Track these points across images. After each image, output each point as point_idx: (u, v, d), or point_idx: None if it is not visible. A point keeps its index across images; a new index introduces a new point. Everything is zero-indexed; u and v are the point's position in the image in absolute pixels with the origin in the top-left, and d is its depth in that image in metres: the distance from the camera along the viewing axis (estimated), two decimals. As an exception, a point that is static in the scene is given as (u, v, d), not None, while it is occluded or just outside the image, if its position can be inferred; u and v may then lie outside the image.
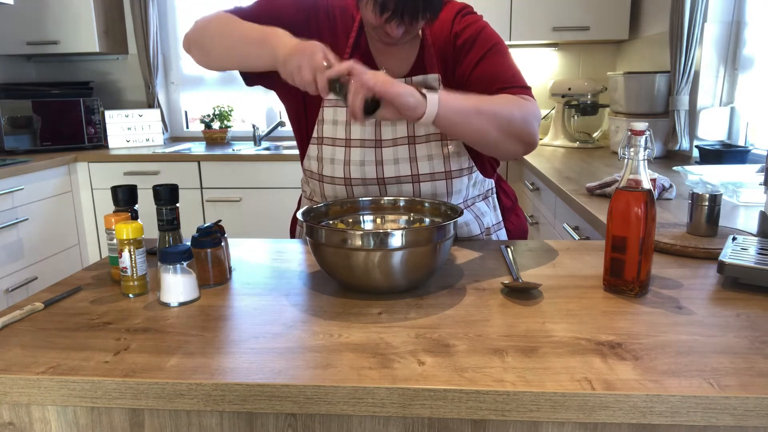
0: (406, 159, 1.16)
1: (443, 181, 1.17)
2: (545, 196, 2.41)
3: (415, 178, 1.16)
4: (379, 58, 1.19)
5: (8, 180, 2.67)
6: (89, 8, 3.25)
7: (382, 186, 1.17)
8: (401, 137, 1.16)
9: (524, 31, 3.06)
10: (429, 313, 0.83)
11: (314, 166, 1.22)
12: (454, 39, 1.15)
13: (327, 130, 1.19)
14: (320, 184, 1.22)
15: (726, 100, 2.38)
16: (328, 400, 0.65)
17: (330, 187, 1.20)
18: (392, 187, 1.17)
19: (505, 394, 0.63)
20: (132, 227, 0.90)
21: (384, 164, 1.16)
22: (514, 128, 1.05)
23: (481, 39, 1.14)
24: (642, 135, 0.85)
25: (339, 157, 1.18)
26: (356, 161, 1.16)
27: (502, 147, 1.08)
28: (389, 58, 1.19)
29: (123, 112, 3.46)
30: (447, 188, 1.18)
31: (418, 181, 1.16)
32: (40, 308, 0.87)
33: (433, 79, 1.15)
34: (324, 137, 1.19)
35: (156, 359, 0.71)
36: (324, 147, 1.19)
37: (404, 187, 1.17)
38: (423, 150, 1.16)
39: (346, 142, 1.17)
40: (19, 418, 0.71)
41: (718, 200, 1.14)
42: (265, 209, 3.09)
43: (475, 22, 1.16)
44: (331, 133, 1.19)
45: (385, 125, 1.16)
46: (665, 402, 0.61)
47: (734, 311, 0.82)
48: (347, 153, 1.17)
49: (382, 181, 1.17)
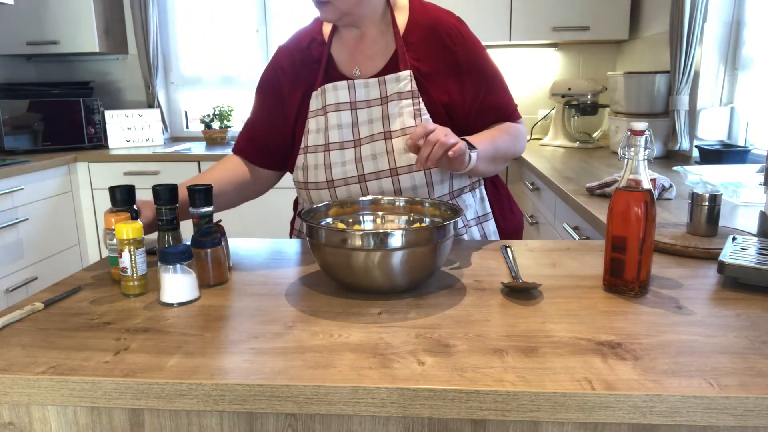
0: (383, 153, 1.18)
1: (421, 172, 1.19)
2: (545, 196, 2.41)
3: (393, 171, 1.18)
4: (352, 60, 1.23)
5: (8, 180, 2.67)
6: (89, 8, 3.25)
7: (362, 183, 1.19)
8: (377, 133, 1.19)
9: (524, 31, 3.06)
10: (429, 313, 0.83)
11: (300, 175, 1.26)
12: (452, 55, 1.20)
13: (311, 138, 1.24)
14: (306, 192, 1.26)
15: (726, 100, 2.38)
16: (328, 400, 0.65)
17: (315, 193, 1.24)
18: (372, 183, 1.19)
19: (505, 394, 0.63)
20: (132, 227, 0.90)
21: (363, 161, 1.19)
22: (511, 158, 1.31)
23: (483, 68, 1.23)
24: (642, 135, 0.85)
25: (320, 162, 1.22)
26: (337, 162, 1.20)
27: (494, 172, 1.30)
28: (362, 56, 1.23)
29: (123, 112, 3.46)
30: (426, 179, 1.19)
31: (397, 174, 1.18)
32: (40, 308, 0.87)
33: (405, 76, 1.19)
34: (308, 146, 1.24)
35: (156, 359, 0.71)
36: (308, 155, 1.24)
37: (384, 182, 1.19)
38: (399, 143, 1.18)
39: (326, 146, 1.22)
40: (19, 418, 0.71)
41: (718, 200, 1.14)
42: (264, 209, 3.09)
43: (474, 45, 1.23)
44: (313, 141, 1.24)
45: (362, 123, 1.21)
46: (665, 402, 0.61)
47: (734, 311, 0.82)
48: (327, 157, 1.21)
49: (362, 178, 1.19)
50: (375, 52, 1.22)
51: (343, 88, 1.21)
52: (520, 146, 1.29)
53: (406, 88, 1.18)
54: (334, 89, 1.21)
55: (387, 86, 1.20)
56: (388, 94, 1.19)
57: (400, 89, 1.19)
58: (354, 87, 1.20)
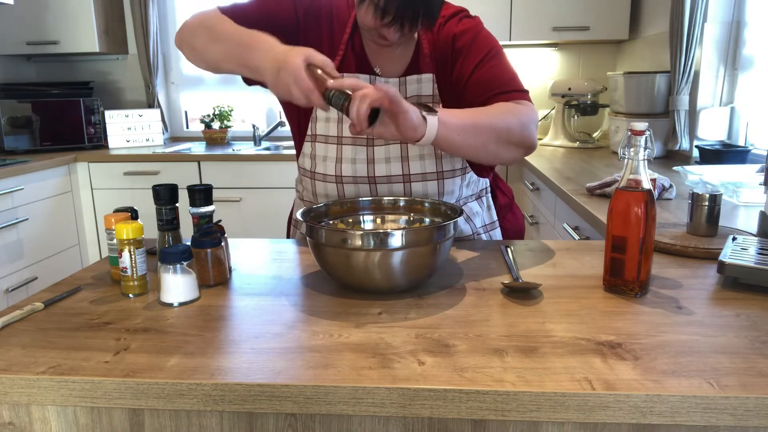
0: (397, 158, 1.16)
1: (435, 181, 1.17)
2: (545, 196, 2.41)
3: (406, 177, 1.16)
4: (373, 58, 1.19)
5: (8, 180, 2.66)
6: (89, 8, 3.25)
7: (372, 185, 1.17)
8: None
9: (524, 31, 3.06)
10: (429, 313, 0.83)
11: (308, 163, 1.22)
12: (453, 41, 1.15)
13: (320, 127, 1.19)
14: (312, 182, 1.22)
15: (726, 100, 2.38)
16: (328, 400, 0.65)
17: (321, 185, 1.20)
18: (383, 186, 1.17)
19: (505, 394, 0.63)
20: (132, 227, 0.90)
21: (375, 162, 1.16)
22: (512, 137, 1.06)
23: (479, 43, 1.14)
24: (642, 135, 0.85)
25: (331, 154, 1.18)
26: (348, 159, 1.17)
27: (502, 156, 1.08)
28: (383, 58, 1.19)
29: (123, 112, 3.46)
30: (438, 188, 1.18)
31: (410, 181, 1.16)
32: (40, 308, 0.87)
33: (427, 79, 1.16)
34: (317, 134, 1.20)
35: (156, 359, 0.71)
36: (317, 144, 1.20)
37: (395, 186, 1.17)
38: (415, 149, 1.15)
39: (338, 139, 1.17)
40: (19, 418, 0.71)
41: (718, 200, 1.14)
42: (264, 209, 3.09)
43: (474, 26, 1.16)
44: (323, 130, 1.19)
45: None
46: (665, 402, 0.61)
47: (734, 311, 0.82)
48: (339, 150, 1.17)
49: (372, 180, 1.17)
50: (395, 56, 1.19)
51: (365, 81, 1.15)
52: (518, 121, 1.06)
53: (427, 91, 1.16)
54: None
55: (408, 87, 1.16)
56: (407, 96, 1.16)
57: (420, 92, 1.16)
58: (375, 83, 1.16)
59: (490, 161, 1.12)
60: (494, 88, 1.11)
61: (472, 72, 1.12)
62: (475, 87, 1.12)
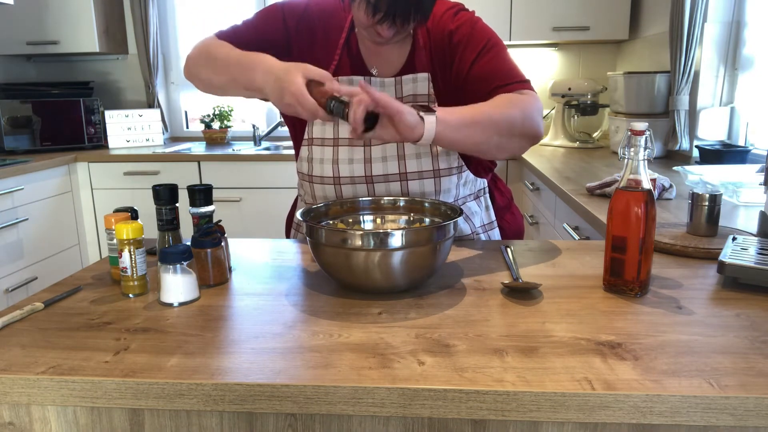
0: (394, 156, 1.16)
1: (431, 179, 1.17)
2: (545, 196, 2.41)
3: (402, 176, 1.16)
4: (369, 59, 1.20)
5: (8, 180, 2.66)
6: (89, 8, 3.25)
7: (370, 185, 1.18)
8: None
9: (524, 31, 3.06)
10: (429, 313, 0.83)
11: (305, 167, 1.23)
12: (449, 37, 1.15)
13: (316, 130, 1.20)
14: (310, 185, 1.23)
15: (726, 100, 2.38)
16: (328, 400, 0.65)
17: (320, 187, 1.21)
18: (380, 186, 1.17)
19: (505, 394, 0.63)
20: (132, 227, 0.90)
21: (372, 162, 1.16)
22: (515, 129, 1.05)
23: (476, 36, 1.13)
24: (642, 135, 0.85)
25: (328, 156, 1.18)
26: (344, 159, 1.17)
27: (507, 148, 1.08)
28: (380, 59, 1.19)
29: (123, 112, 3.46)
30: (435, 187, 1.18)
31: (406, 180, 1.16)
32: (40, 308, 0.87)
33: (422, 78, 1.16)
34: (314, 138, 1.21)
35: (156, 359, 0.71)
36: (314, 148, 1.20)
37: (392, 185, 1.17)
38: (411, 148, 1.16)
39: (335, 141, 1.18)
40: (19, 418, 0.71)
41: (718, 200, 1.14)
42: (264, 209, 3.09)
43: (469, 20, 1.16)
44: (320, 133, 1.20)
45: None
46: (665, 402, 0.61)
47: (734, 311, 0.82)
48: (335, 152, 1.18)
49: (370, 180, 1.17)
50: (391, 56, 1.19)
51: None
52: (521, 112, 1.05)
53: (422, 91, 1.16)
54: (350, 83, 1.16)
55: (403, 87, 1.16)
56: (403, 95, 1.17)
57: (416, 91, 1.16)
58: (370, 84, 1.15)
59: (496, 154, 1.11)
60: (495, 81, 1.10)
61: (471, 66, 1.12)
62: (475, 81, 1.12)
